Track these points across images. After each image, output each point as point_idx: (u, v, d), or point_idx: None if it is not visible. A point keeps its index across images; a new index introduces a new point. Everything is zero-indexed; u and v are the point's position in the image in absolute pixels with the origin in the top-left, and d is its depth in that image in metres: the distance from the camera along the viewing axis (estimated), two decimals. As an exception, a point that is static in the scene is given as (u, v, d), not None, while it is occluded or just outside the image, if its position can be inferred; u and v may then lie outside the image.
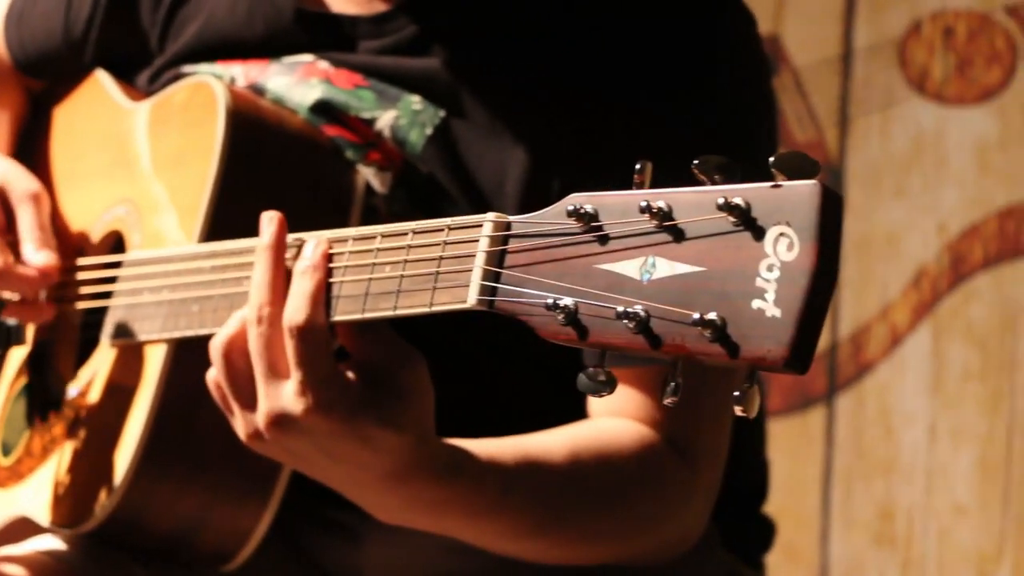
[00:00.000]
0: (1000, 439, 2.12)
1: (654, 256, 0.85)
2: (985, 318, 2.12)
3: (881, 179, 2.18)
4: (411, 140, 1.23)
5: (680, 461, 1.20)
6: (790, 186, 0.81)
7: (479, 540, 1.18)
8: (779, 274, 0.80)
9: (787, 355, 0.79)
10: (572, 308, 0.88)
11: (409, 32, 1.25)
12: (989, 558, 2.13)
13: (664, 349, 0.83)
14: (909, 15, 2.14)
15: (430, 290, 0.97)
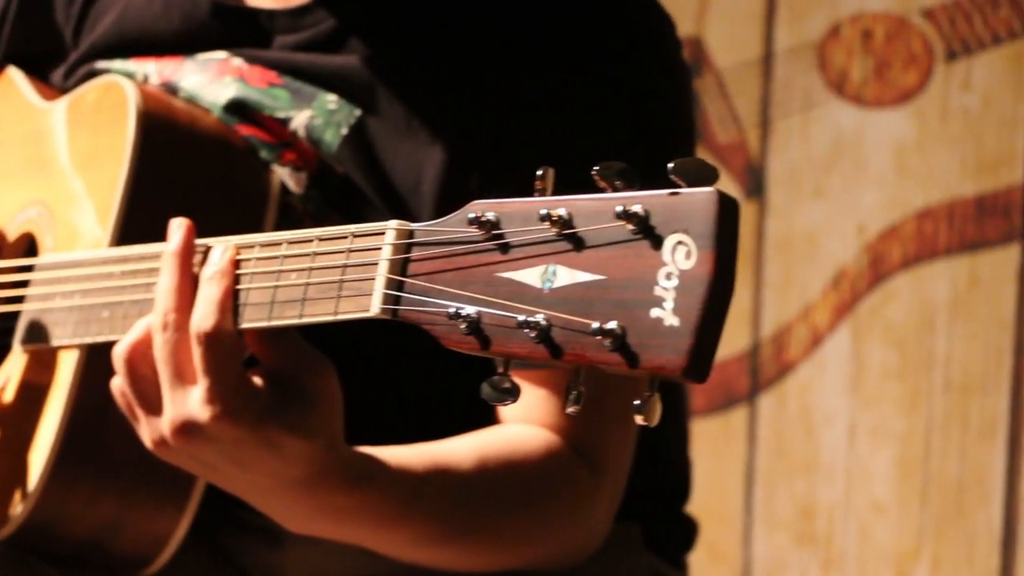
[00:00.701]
0: (918, 438, 2.14)
1: (555, 265, 0.85)
2: (903, 318, 2.14)
3: (801, 180, 2.19)
4: (326, 140, 1.22)
5: (585, 468, 1.21)
6: (688, 194, 0.81)
7: (387, 548, 1.18)
8: (677, 282, 0.80)
9: (685, 364, 0.79)
10: (475, 317, 0.88)
11: (326, 27, 1.24)
12: (907, 555, 2.15)
13: (565, 358, 0.84)
14: (828, 18, 2.16)
15: (335, 298, 0.97)
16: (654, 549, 1.39)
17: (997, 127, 2.07)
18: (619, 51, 1.23)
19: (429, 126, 1.21)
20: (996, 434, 2.09)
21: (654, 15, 1.27)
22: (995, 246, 2.09)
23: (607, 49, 1.22)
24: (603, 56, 1.22)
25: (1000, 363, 2.09)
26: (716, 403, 2.27)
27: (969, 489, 2.11)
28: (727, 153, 2.24)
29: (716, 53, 2.24)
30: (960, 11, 2.09)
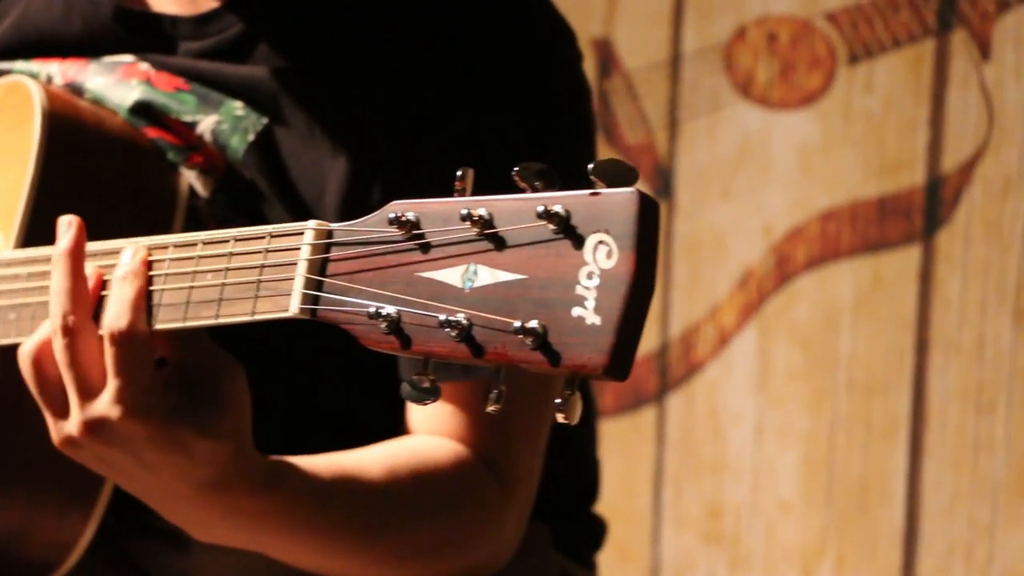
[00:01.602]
0: (823, 437, 2.16)
1: (476, 264, 0.85)
2: (808, 318, 2.16)
3: (709, 181, 2.21)
4: (232, 145, 1.22)
5: (495, 481, 1.21)
6: (609, 194, 0.81)
7: (293, 557, 1.17)
8: (598, 282, 0.81)
9: (607, 362, 0.79)
10: (395, 317, 0.87)
11: (231, 34, 1.23)
12: (812, 554, 2.17)
13: (487, 357, 0.84)
14: (734, 20, 2.18)
15: (252, 298, 0.96)
16: (563, 549, 1.40)
17: (898, 129, 2.10)
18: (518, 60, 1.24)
19: (332, 136, 1.21)
20: (898, 433, 2.12)
21: (553, 24, 1.28)
22: (897, 247, 2.12)
23: (507, 58, 1.23)
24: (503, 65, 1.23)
25: (902, 363, 2.12)
26: (625, 403, 2.28)
27: (872, 487, 2.14)
28: (636, 154, 2.26)
29: (625, 55, 2.25)
30: (862, 15, 2.12)
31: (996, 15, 2.05)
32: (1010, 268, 2.05)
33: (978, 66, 2.06)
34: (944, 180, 2.08)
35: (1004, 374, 2.06)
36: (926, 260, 2.10)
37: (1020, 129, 2.04)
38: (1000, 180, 2.05)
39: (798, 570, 2.18)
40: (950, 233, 2.08)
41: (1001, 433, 2.07)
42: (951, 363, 2.09)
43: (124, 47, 1.26)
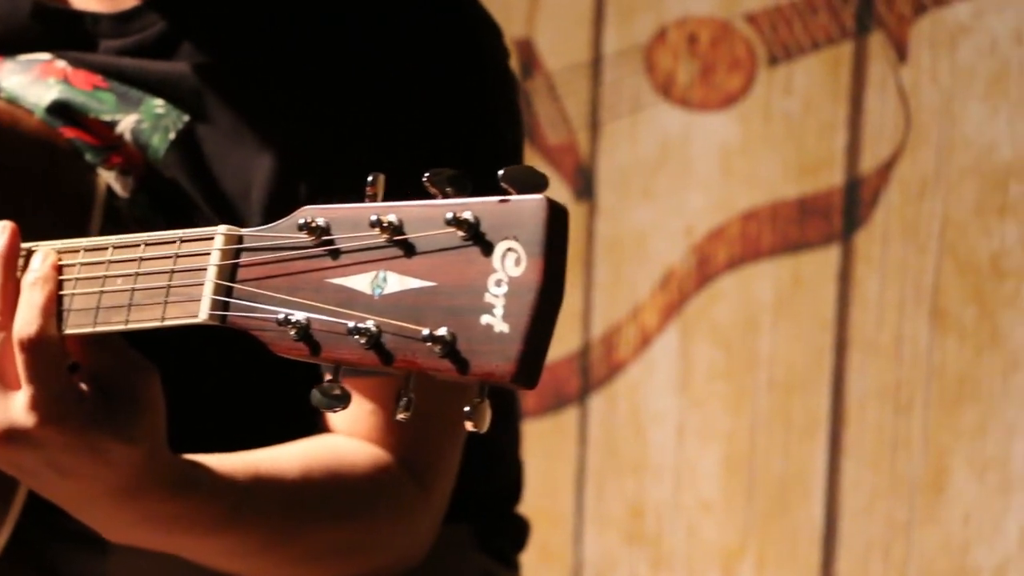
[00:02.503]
0: (744, 437, 2.17)
1: (385, 271, 0.85)
2: (729, 319, 2.17)
3: (630, 182, 2.22)
4: (153, 145, 1.21)
5: (411, 481, 1.21)
6: (517, 200, 0.81)
7: (210, 558, 1.17)
8: (507, 289, 0.80)
9: (515, 370, 0.79)
10: (304, 323, 0.87)
11: (153, 32, 1.22)
12: (733, 552, 2.18)
13: (395, 365, 0.84)
14: (655, 22, 2.18)
15: (162, 304, 0.96)
16: (485, 550, 1.40)
17: (817, 131, 2.12)
18: (445, 59, 1.23)
19: (258, 134, 1.20)
20: (817, 432, 2.14)
21: (480, 23, 1.28)
22: (816, 247, 2.13)
23: (433, 57, 1.23)
24: (429, 64, 1.23)
25: (821, 362, 2.13)
26: (547, 404, 2.28)
27: (792, 486, 2.15)
28: (558, 155, 2.26)
29: (546, 55, 2.25)
30: (781, 16, 2.13)
31: (912, 18, 2.06)
32: (927, 268, 2.08)
33: (895, 68, 2.08)
34: (862, 181, 2.10)
35: (921, 373, 2.09)
36: (845, 260, 2.12)
37: (936, 131, 2.06)
38: (917, 181, 2.07)
39: (719, 569, 2.19)
40: (868, 234, 2.10)
41: (918, 432, 2.09)
42: (869, 363, 2.11)
43: (42, 45, 1.25)
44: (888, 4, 2.07)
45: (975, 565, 2.07)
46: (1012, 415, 2.04)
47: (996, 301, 2.04)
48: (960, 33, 2.04)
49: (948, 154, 2.05)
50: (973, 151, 2.04)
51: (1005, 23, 2.01)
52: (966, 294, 2.05)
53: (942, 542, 2.08)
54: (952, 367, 2.06)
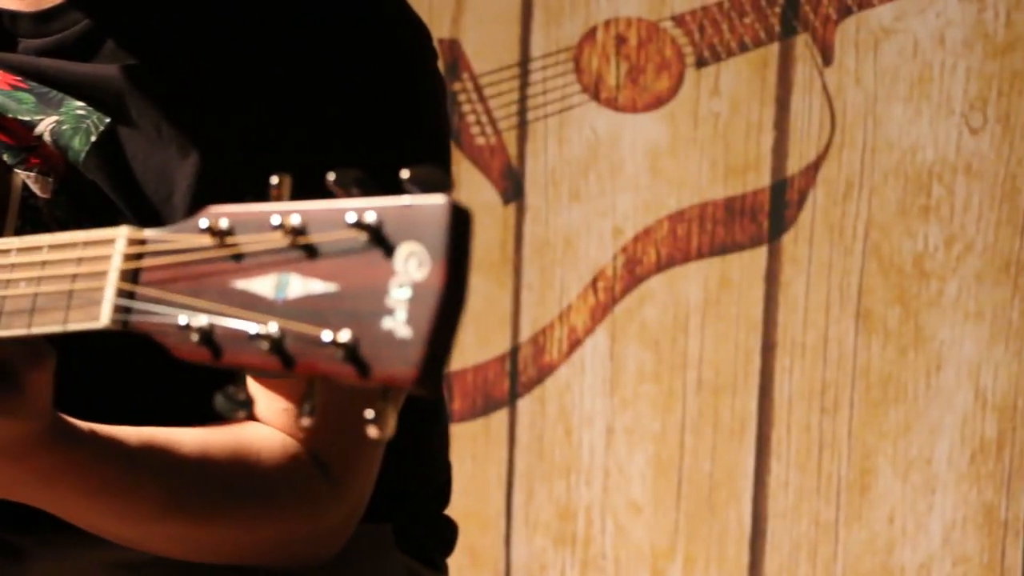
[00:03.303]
0: (673, 438, 2.17)
1: (288, 274, 0.83)
2: (658, 320, 2.18)
3: (559, 184, 2.21)
4: (74, 147, 1.19)
5: (322, 476, 1.20)
6: (420, 203, 0.80)
7: (100, 523, 1.15)
8: (410, 293, 0.79)
9: (416, 375, 0.78)
10: (207, 327, 0.86)
11: (75, 32, 1.21)
12: (663, 554, 2.19)
13: (298, 369, 0.82)
14: (583, 23, 2.18)
15: (64, 308, 0.94)
16: (411, 552, 1.39)
17: (744, 132, 2.12)
18: (371, 61, 1.22)
19: (180, 137, 1.18)
20: (746, 432, 2.15)
21: (407, 25, 1.27)
22: (744, 248, 2.14)
23: (359, 59, 1.22)
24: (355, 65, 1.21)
25: (749, 363, 2.14)
26: (477, 406, 2.28)
27: (720, 487, 2.15)
28: (486, 156, 2.25)
29: (473, 56, 2.25)
30: (708, 18, 2.13)
31: (837, 21, 2.07)
32: (853, 270, 2.08)
33: (820, 71, 2.08)
34: (789, 183, 2.11)
35: (848, 374, 2.09)
36: (772, 262, 2.13)
37: (861, 133, 2.07)
38: (843, 183, 2.08)
39: (648, 570, 2.19)
40: (795, 235, 2.11)
41: (844, 432, 2.10)
42: (796, 364, 2.11)
43: None
44: (813, 7, 2.08)
45: (900, 564, 2.08)
46: (935, 415, 2.05)
47: (920, 302, 2.05)
48: (883, 36, 2.05)
49: (872, 156, 2.06)
50: (896, 153, 2.05)
51: (927, 25, 2.03)
52: (890, 295, 2.07)
53: (868, 541, 2.09)
54: (877, 368, 2.07)
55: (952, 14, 2.01)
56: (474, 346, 2.25)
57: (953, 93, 2.01)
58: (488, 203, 2.24)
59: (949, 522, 2.05)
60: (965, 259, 2.03)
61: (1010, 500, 2.03)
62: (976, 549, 2.04)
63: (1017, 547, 2.03)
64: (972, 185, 2.02)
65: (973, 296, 2.03)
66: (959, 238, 2.03)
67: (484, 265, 2.24)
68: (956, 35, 2.01)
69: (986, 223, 2.02)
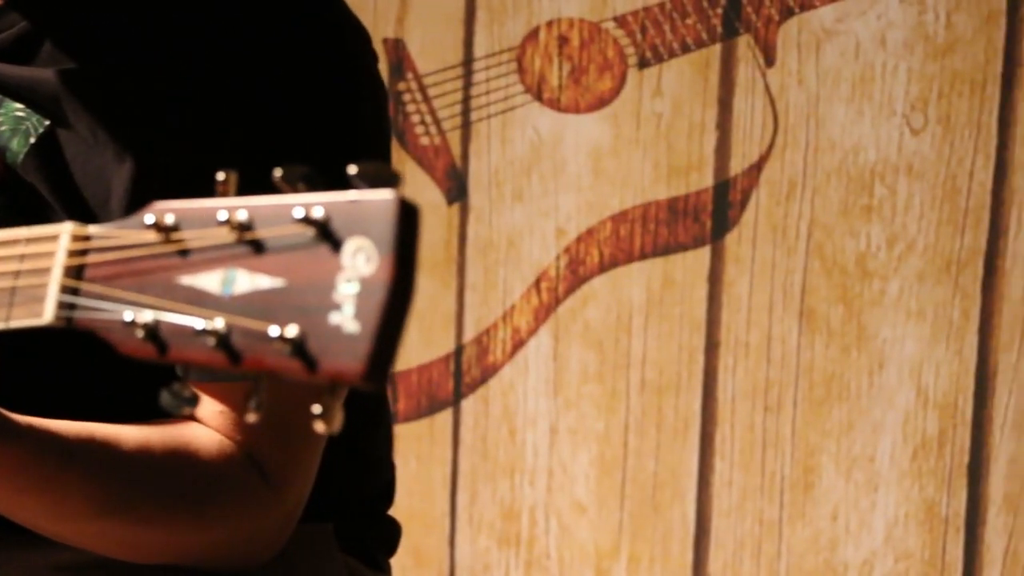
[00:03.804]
0: (617, 438, 2.18)
1: (235, 269, 0.83)
2: (601, 320, 2.18)
3: (502, 184, 2.21)
4: (12, 148, 1.18)
5: (259, 479, 1.19)
6: (368, 198, 0.80)
7: (35, 520, 1.14)
8: (357, 288, 0.79)
9: (364, 370, 0.78)
10: (152, 324, 0.85)
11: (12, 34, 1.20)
12: (607, 553, 2.19)
13: (244, 365, 0.82)
14: (526, 24, 2.18)
15: (7, 306, 0.93)
16: (354, 552, 1.38)
17: (687, 133, 2.13)
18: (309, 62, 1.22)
19: (117, 139, 1.18)
20: (689, 431, 2.15)
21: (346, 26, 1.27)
22: (687, 249, 2.15)
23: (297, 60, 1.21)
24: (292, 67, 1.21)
25: (693, 362, 2.15)
26: (421, 407, 2.27)
27: (664, 486, 2.16)
28: (430, 157, 2.25)
29: (417, 56, 2.24)
30: (651, 19, 2.14)
31: (779, 22, 2.08)
32: (796, 269, 2.10)
33: (763, 71, 2.09)
34: (732, 183, 2.12)
35: (791, 373, 2.11)
36: (715, 262, 2.14)
37: (803, 133, 2.08)
38: (785, 183, 2.09)
39: (592, 570, 2.19)
40: (738, 235, 2.12)
41: (788, 431, 2.11)
42: (740, 363, 2.12)
43: None
44: (755, 8, 2.09)
45: (843, 561, 2.09)
46: (878, 413, 2.07)
47: (862, 301, 2.07)
48: (825, 37, 2.06)
49: (815, 156, 2.07)
50: (839, 153, 2.06)
51: (868, 27, 2.04)
52: (833, 294, 2.08)
53: (811, 539, 2.11)
54: (820, 366, 2.09)
55: (893, 16, 2.03)
56: (418, 346, 2.25)
57: (894, 94, 2.03)
58: (432, 203, 2.24)
59: (891, 519, 2.07)
60: (907, 259, 2.04)
61: (951, 496, 2.04)
62: (918, 545, 2.06)
63: (958, 543, 2.05)
64: (913, 185, 2.03)
65: (915, 295, 2.04)
66: (901, 238, 2.05)
67: (428, 265, 2.23)
68: (897, 37, 2.03)
69: (927, 223, 2.04)
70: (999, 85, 1.99)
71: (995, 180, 2.01)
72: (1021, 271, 2.00)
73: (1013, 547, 2.03)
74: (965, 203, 2.02)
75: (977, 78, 2.00)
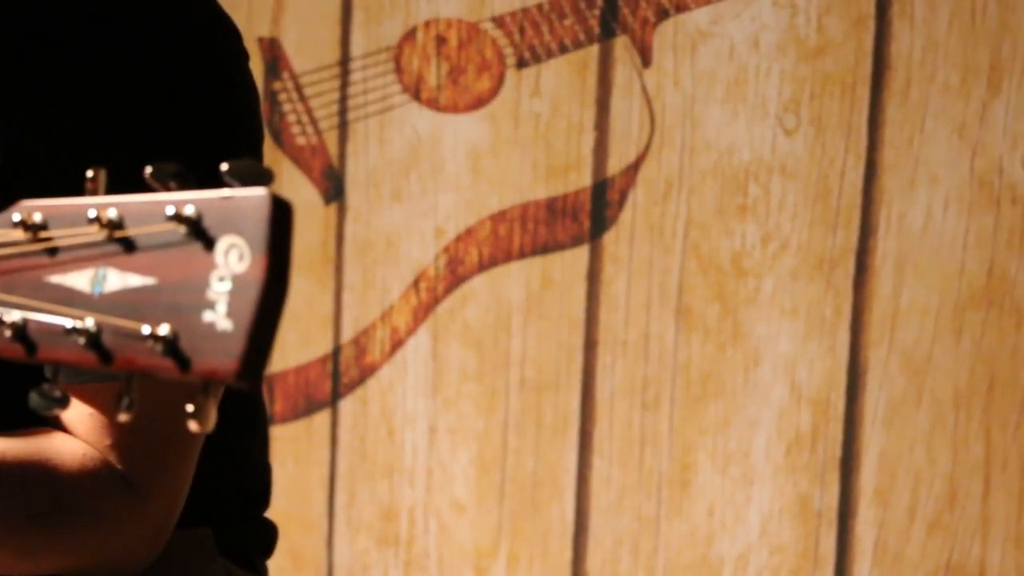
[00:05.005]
0: (496, 437, 2.18)
1: (105, 268, 0.82)
2: (481, 319, 2.18)
3: (380, 184, 2.21)
4: None
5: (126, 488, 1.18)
6: (241, 196, 0.79)
7: None
8: (230, 286, 0.79)
9: (238, 368, 0.77)
10: (20, 323, 0.84)
11: None
12: (486, 552, 2.19)
13: (115, 364, 0.81)
14: (403, 23, 2.18)
15: None
16: (230, 556, 1.37)
17: (565, 133, 2.14)
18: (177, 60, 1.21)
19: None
20: (568, 430, 2.16)
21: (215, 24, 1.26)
22: (565, 248, 2.16)
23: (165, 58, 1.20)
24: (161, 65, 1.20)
25: (571, 361, 2.16)
26: (298, 408, 2.26)
27: (543, 484, 2.17)
28: (306, 156, 2.24)
29: (293, 55, 2.23)
30: (528, 19, 2.15)
31: (655, 23, 2.10)
32: (672, 268, 2.11)
33: (640, 72, 2.11)
34: (610, 183, 2.13)
35: (668, 371, 2.12)
36: (593, 261, 2.15)
37: (679, 133, 2.10)
38: (662, 183, 2.11)
39: (472, 569, 2.20)
40: (616, 234, 2.13)
41: (665, 428, 2.13)
42: (618, 361, 2.14)
43: None
44: (632, 9, 2.10)
45: (719, 555, 2.12)
46: (753, 410, 2.09)
47: (737, 299, 2.09)
48: (700, 39, 2.08)
49: (691, 156, 2.09)
50: (714, 153, 2.08)
51: (742, 29, 2.07)
52: (709, 293, 2.10)
53: (688, 534, 2.13)
54: (696, 364, 2.11)
55: (766, 18, 2.05)
56: (295, 347, 2.24)
57: (768, 95, 2.05)
58: (309, 203, 2.23)
59: (766, 513, 2.09)
60: (780, 257, 2.07)
61: (824, 491, 2.07)
62: (792, 539, 2.09)
63: (831, 536, 2.08)
64: (787, 185, 2.06)
65: (788, 293, 2.07)
66: (775, 237, 2.07)
67: (305, 265, 2.22)
68: (770, 39, 2.05)
69: (800, 222, 2.06)
70: (869, 87, 2.03)
71: (865, 180, 2.04)
72: (891, 269, 2.04)
73: (883, 539, 2.06)
74: (836, 202, 2.05)
75: (847, 80, 2.03)
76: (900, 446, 2.04)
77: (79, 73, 1.18)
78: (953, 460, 2.03)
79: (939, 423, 2.03)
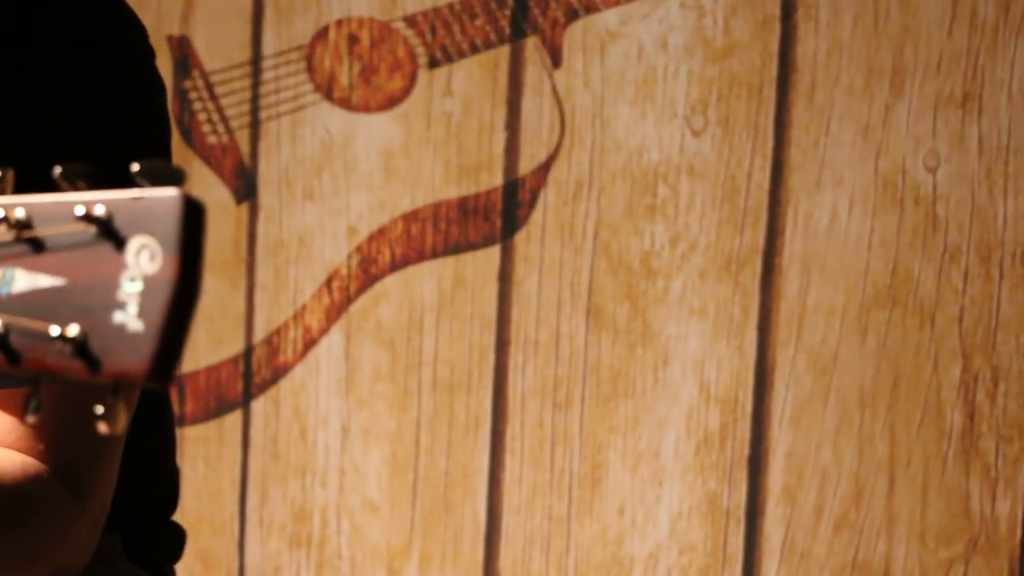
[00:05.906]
0: (409, 436, 2.18)
1: (13, 268, 0.81)
2: (394, 319, 2.18)
3: (292, 183, 2.20)
4: None
5: (66, 492, 1.17)
6: (152, 196, 0.79)
7: None
8: (141, 286, 0.78)
9: (149, 369, 0.77)
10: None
11: None
12: (398, 552, 2.19)
13: (24, 366, 0.80)
14: (315, 22, 2.18)
15: None
16: (137, 560, 1.36)
17: (477, 133, 2.15)
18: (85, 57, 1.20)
19: None
20: (480, 429, 2.17)
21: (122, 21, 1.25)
22: (477, 248, 2.16)
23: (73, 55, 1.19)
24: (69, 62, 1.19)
25: (484, 361, 2.16)
26: (210, 408, 2.25)
27: (456, 484, 2.17)
28: (217, 155, 2.23)
29: (203, 54, 2.22)
30: (440, 19, 2.15)
31: (565, 24, 2.11)
32: (583, 268, 2.13)
33: (550, 72, 2.12)
34: (521, 183, 2.14)
35: (579, 370, 2.14)
36: (505, 261, 2.16)
37: (590, 134, 2.11)
38: (572, 183, 2.12)
39: (384, 569, 2.20)
40: (527, 234, 2.14)
41: (576, 427, 2.14)
42: (530, 361, 2.15)
43: None
44: (542, 10, 2.11)
45: (629, 554, 2.13)
46: (663, 409, 2.11)
47: (647, 299, 2.11)
48: (609, 39, 2.10)
49: (601, 156, 2.11)
50: (624, 154, 2.10)
51: (650, 30, 2.08)
52: (619, 292, 2.11)
53: (599, 533, 2.14)
54: (607, 364, 2.12)
55: (674, 20, 2.07)
56: (207, 347, 2.23)
57: (676, 96, 2.07)
58: (220, 202, 2.22)
59: (676, 512, 2.11)
60: (689, 257, 2.09)
61: (732, 489, 2.09)
62: (701, 537, 2.10)
63: (739, 534, 2.10)
64: (695, 185, 2.08)
65: (697, 293, 2.09)
66: (683, 237, 2.09)
67: (217, 265, 2.21)
68: (678, 40, 2.07)
69: (708, 222, 2.08)
70: (775, 88, 2.05)
71: (772, 181, 2.06)
72: (797, 269, 2.06)
73: (791, 537, 2.09)
74: (744, 203, 2.07)
75: (754, 81, 2.05)
76: (807, 445, 2.07)
77: (5, 67, 1.17)
78: (859, 458, 2.06)
79: (845, 422, 2.06)
